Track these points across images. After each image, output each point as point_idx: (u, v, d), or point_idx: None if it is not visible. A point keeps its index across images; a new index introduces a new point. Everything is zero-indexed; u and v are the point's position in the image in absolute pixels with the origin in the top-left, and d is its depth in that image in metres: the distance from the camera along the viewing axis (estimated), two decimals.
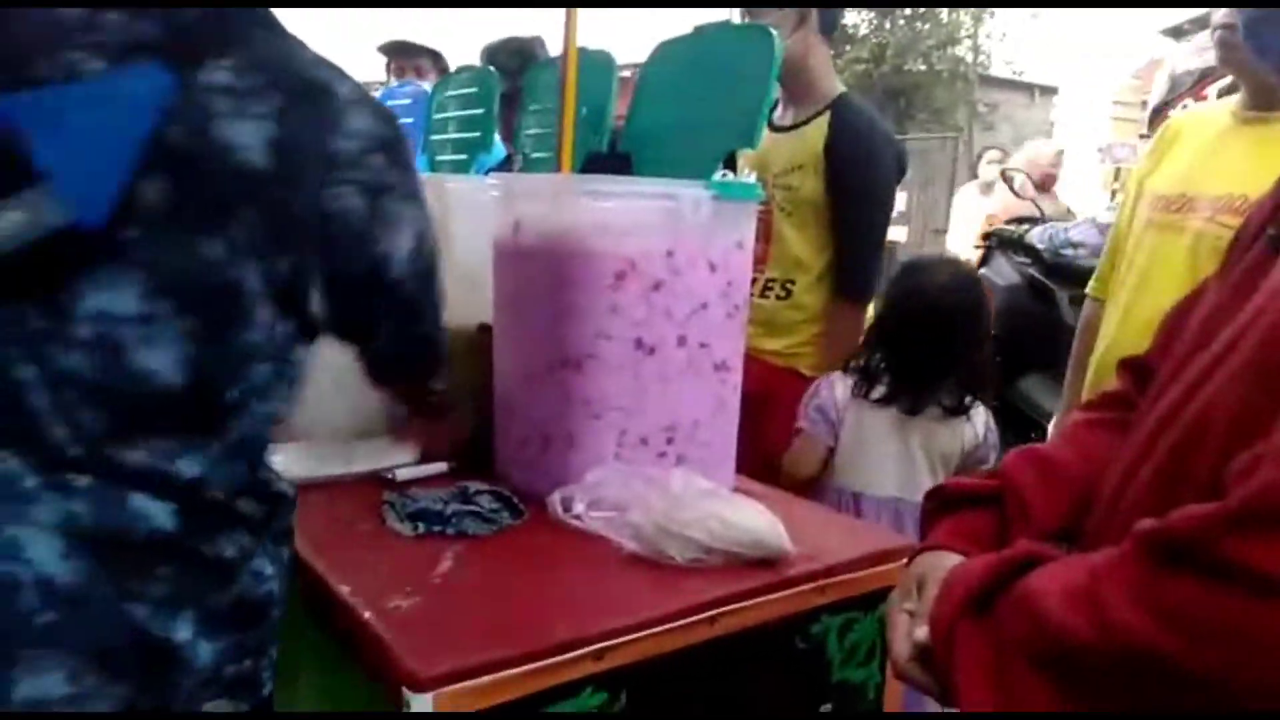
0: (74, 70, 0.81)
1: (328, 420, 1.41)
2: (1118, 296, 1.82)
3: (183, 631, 0.84)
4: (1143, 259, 1.75)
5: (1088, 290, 1.99)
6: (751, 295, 2.05)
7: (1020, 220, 3.95)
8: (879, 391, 1.78)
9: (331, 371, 1.07)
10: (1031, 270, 3.51)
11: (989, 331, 1.87)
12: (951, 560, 0.83)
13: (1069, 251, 3.43)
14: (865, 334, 1.92)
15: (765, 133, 2.05)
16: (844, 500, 1.82)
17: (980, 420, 1.82)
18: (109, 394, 0.83)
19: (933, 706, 0.83)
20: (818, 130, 2.03)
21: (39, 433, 0.83)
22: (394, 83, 3.18)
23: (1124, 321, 1.77)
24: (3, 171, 0.77)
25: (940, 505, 0.95)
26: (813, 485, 1.91)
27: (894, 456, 1.79)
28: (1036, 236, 3.56)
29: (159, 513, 0.84)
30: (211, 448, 0.87)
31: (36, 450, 0.83)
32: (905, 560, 0.92)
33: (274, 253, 0.86)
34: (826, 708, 1.16)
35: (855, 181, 2.03)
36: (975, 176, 6.31)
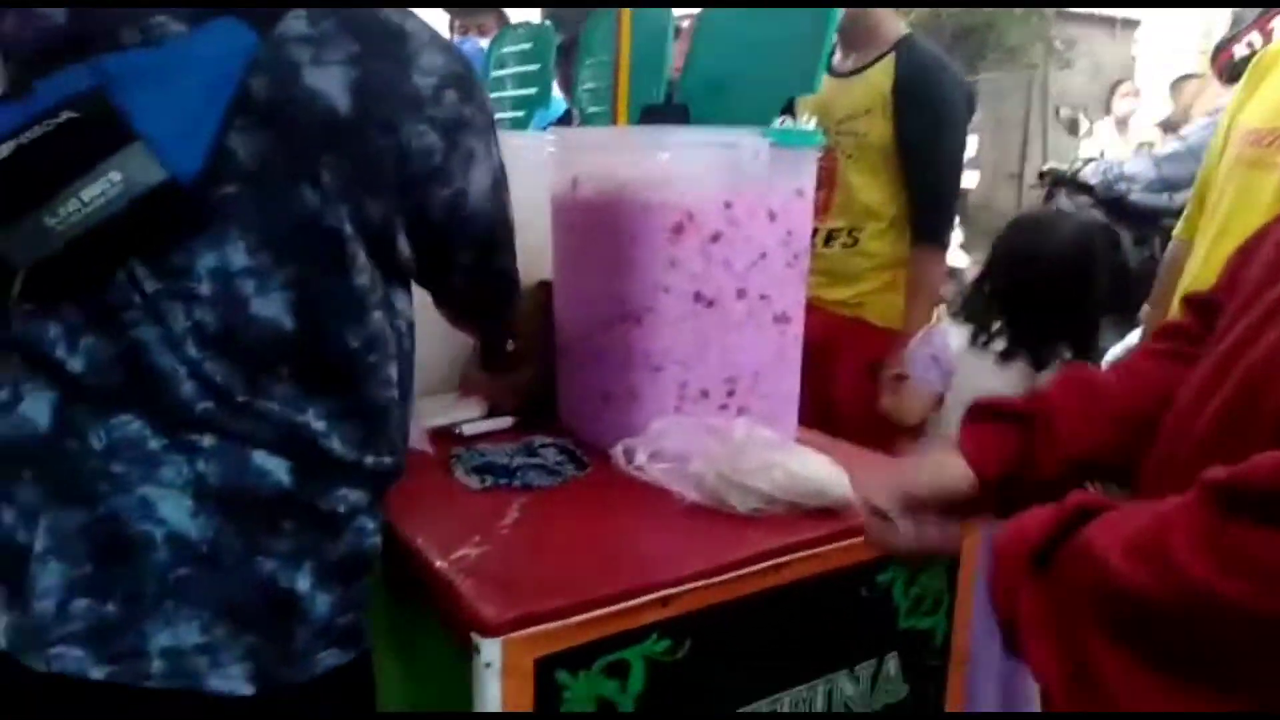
0: (159, 33, 0.83)
1: None
2: (1205, 233, 1.75)
3: (303, 583, 0.88)
4: (1230, 197, 1.67)
5: (1175, 232, 1.91)
6: (814, 245, 2.04)
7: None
8: (999, 345, 1.76)
9: None
10: (1094, 211, 3.41)
11: (1105, 290, 1.83)
12: (953, 465, 0.88)
13: (1122, 186, 3.32)
14: (974, 286, 1.88)
15: (825, 79, 2.01)
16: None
17: None
18: (235, 347, 0.85)
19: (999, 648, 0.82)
20: (883, 73, 1.98)
21: (165, 393, 0.85)
22: (456, 39, 3.19)
23: (1207, 261, 1.69)
24: (100, 133, 0.79)
25: (971, 415, 0.95)
26: (914, 435, 1.90)
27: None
28: (1090, 172, 3.46)
29: (278, 469, 0.87)
30: (334, 401, 0.89)
31: (162, 410, 0.85)
32: None
33: (363, 196, 0.87)
34: (892, 655, 1.16)
35: (927, 124, 1.98)
36: (1056, 116, 6.05)
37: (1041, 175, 3.89)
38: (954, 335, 1.82)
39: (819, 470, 1.11)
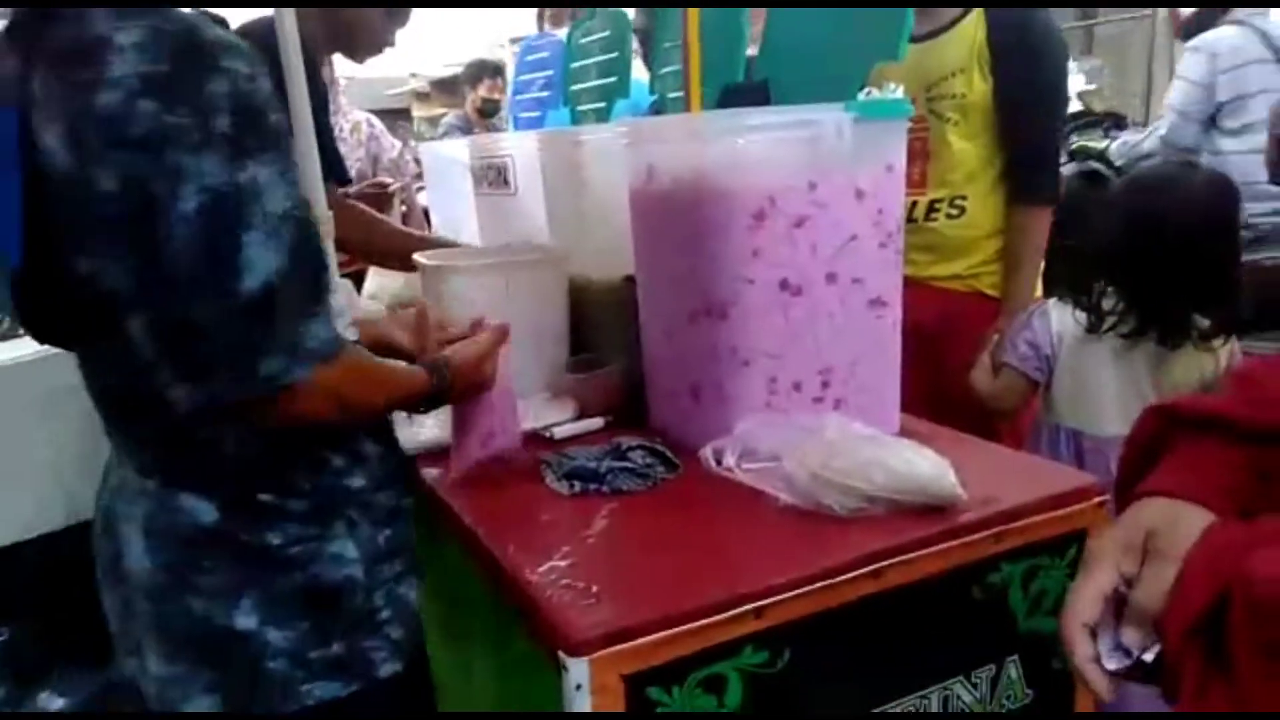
0: None
1: None
2: None
3: (245, 620, 0.87)
4: None
5: None
6: (915, 220, 1.94)
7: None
8: (1125, 327, 1.58)
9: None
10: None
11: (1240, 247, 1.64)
12: (1190, 521, 0.63)
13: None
14: (1073, 260, 1.73)
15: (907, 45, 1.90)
16: (1063, 438, 1.68)
17: (1225, 350, 1.61)
18: (131, 408, 0.89)
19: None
20: (973, 27, 1.86)
21: (127, 444, 0.92)
22: (541, 33, 3.17)
23: None
24: None
25: (1170, 427, 0.72)
26: (1020, 420, 1.78)
27: (1118, 391, 1.62)
28: (1115, 151, 3.08)
29: (200, 507, 0.88)
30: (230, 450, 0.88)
31: (132, 458, 0.92)
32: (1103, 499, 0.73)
33: (110, 252, 0.78)
34: (1013, 659, 1.08)
35: (1028, 74, 1.86)
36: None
37: (1072, 154, 3.36)
38: (1054, 315, 1.67)
39: (920, 465, 1.03)
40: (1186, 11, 2.96)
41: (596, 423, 1.39)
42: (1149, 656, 0.62)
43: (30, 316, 0.89)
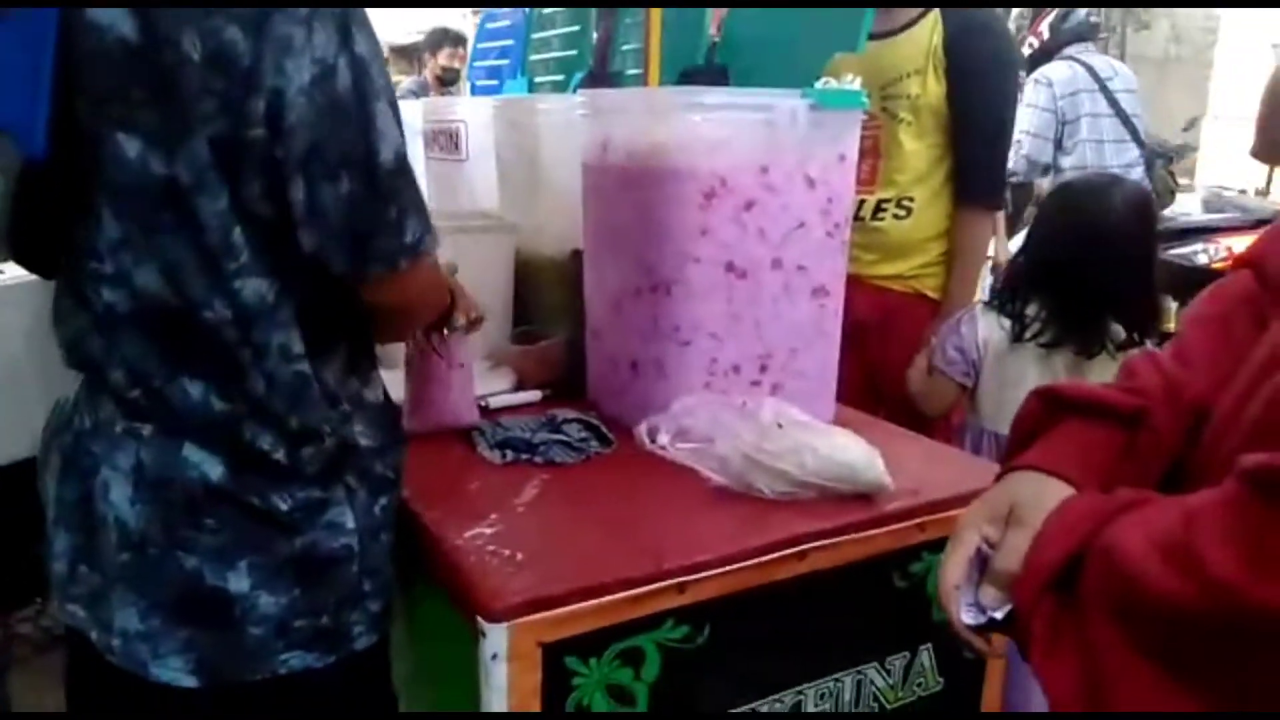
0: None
1: None
2: None
3: (239, 582, 0.84)
4: None
5: None
6: (863, 219, 1.95)
7: None
8: (1045, 336, 1.60)
9: None
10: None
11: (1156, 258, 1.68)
12: (1052, 493, 0.69)
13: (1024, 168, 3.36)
14: (1008, 269, 1.75)
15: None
16: (985, 440, 1.71)
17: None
18: (133, 325, 0.82)
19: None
20: (929, 29, 1.87)
21: (105, 379, 0.85)
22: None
23: None
24: None
25: (1050, 409, 0.78)
26: (944, 423, 1.81)
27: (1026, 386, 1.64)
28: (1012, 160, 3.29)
29: (207, 463, 0.83)
30: (240, 386, 0.83)
31: (113, 397, 0.85)
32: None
33: (177, 133, 0.76)
34: (926, 647, 1.10)
35: (983, 77, 1.87)
36: None
37: None
38: (981, 322, 1.68)
39: (851, 453, 1.05)
40: (1035, 45, 3.51)
41: (534, 395, 1.38)
42: (999, 615, 0.68)
43: (25, 231, 0.83)
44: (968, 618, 0.70)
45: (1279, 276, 0.73)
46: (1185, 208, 4.33)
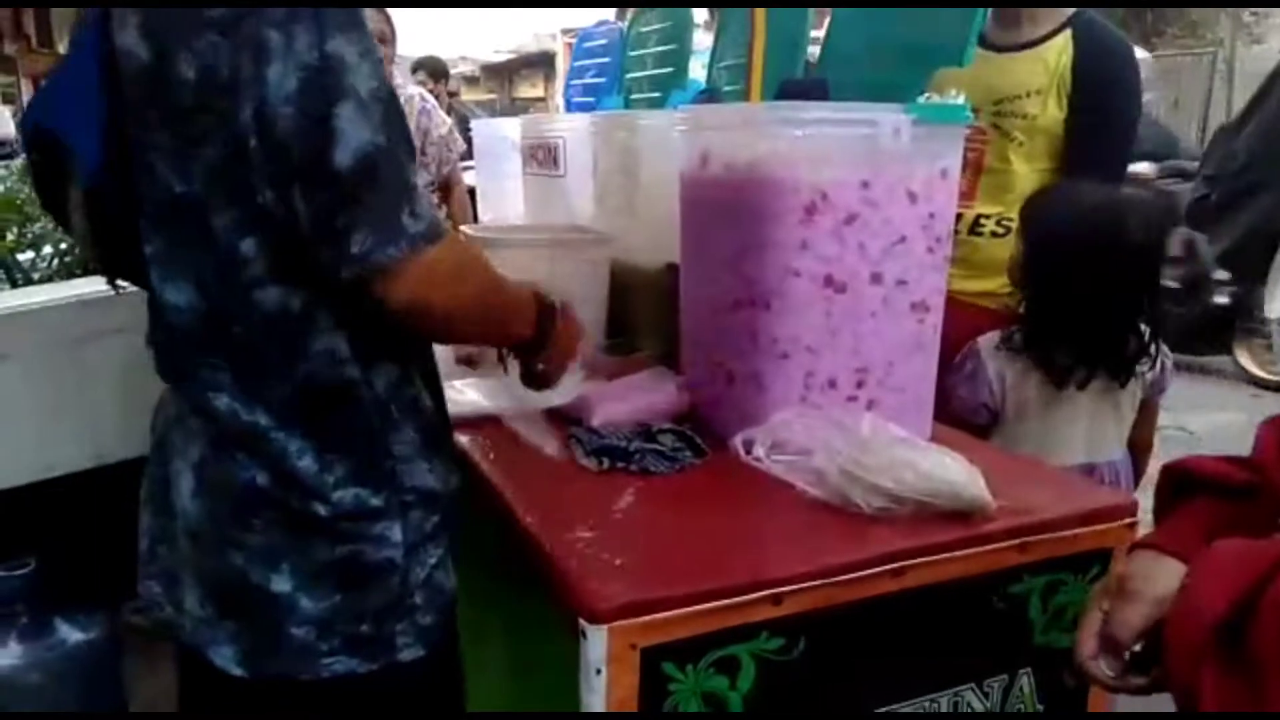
0: (74, 42, 0.86)
1: None
2: None
3: (282, 583, 0.87)
4: None
5: None
6: (959, 232, 1.92)
7: None
8: (1077, 375, 1.53)
9: None
10: None
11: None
12: (1165, 570, 0.74)
13: None
14: (1024, 298, 1.64)
15: (982, 53, 1.87)
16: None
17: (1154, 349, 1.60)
18: (182, 336, 0.88)
19: None
20: (1058, 51, 1.82)
21: (182, 385, 0.91)
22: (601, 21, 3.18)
23: None
24: (55, 164, 0.86)
25: (1176, 487, 0.84)
26: None
27: (1075, 419, 1.59)
28: None
29: (253, 468, 0.87)
30: (266, 395, 0.86)
31: (186, 398, 0.91)
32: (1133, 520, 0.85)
33: (186, 148, 0.80)
34: (1026, 671, 1.08)
35: (1106, 108, 1.81)
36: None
37: None
38: (998, 358, 1.61)
39: (951, 470, 1.03)
40: None
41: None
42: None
43: (105, 244, 0.91)
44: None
45: None
46: None
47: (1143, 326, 1.57)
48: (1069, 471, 1.58)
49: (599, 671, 0.86)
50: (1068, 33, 1.82)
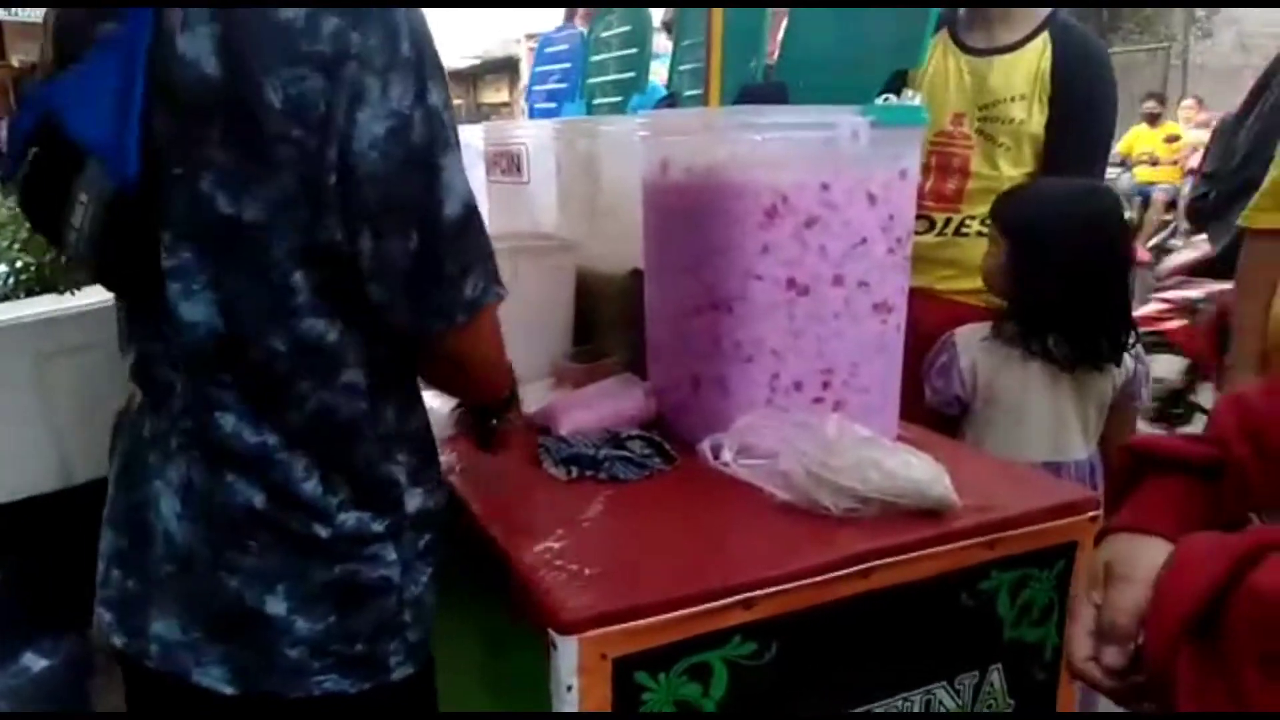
0: (95, 38, 0.80)
1: None
2: None
3: (276, 605, 0.85)
4: None
5: (1249, 221, 1.64)
6: (945, 234, 1.93)
7: None
8: (1035, 345, 1.56)
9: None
10: None
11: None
12: (1147, 548, 0.71)
13: None
14: (1021, 301, 1.64)
15: (962, 58, 1.88)
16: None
17: (1128, 353, 1.62)
18: (191, 354, 0.84)
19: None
20: (1037, 54, 1.83)
21: (169, 403, 0.88)
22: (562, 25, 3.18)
23: None
24: (61, 162, 0.80)
25: (1136, 467, 0.81)
26: None
27: (1043, 416, 1.60)
28: None
29: (250, 490, 0.85)
30: (277, 420, 0.85)
31: (170, 417, 0.88)
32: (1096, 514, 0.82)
33: (252, 174, 0.77)
34: (996, 667, 1.09)
35: (1084, 111, 1.83)
36: (1183, 94, 5.61)
37: None
38: (971, 349, 1.62)
39: (917, 469, 1.04)
40: None
41: None
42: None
43: (114, 255, 0.84)
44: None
45: None
46: None
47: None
48: (1035, 468, 1.60)
49: (570, 686, 0.86)
50: (1045, 35, 1.84)
